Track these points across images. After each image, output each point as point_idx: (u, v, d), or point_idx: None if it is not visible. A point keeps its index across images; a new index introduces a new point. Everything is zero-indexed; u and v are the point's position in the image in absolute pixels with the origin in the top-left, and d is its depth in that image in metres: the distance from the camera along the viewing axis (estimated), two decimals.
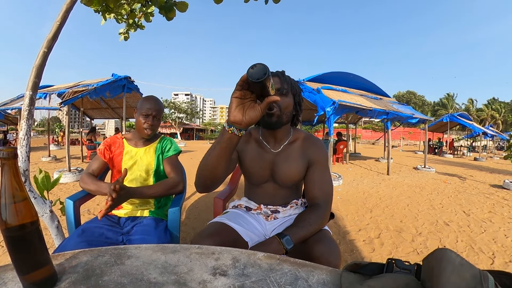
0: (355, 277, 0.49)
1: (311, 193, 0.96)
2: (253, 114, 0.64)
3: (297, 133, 1.05)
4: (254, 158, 1.02)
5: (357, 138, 15.81)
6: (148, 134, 1.30)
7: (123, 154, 1.32)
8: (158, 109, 1.31)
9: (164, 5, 1.84)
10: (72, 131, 22.53)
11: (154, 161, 1.32)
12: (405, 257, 2.10)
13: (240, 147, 1.03)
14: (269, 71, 0.57)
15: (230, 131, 0.66)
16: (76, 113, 40.16)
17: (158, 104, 1.31)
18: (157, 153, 1.35)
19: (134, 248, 0.58)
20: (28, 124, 1.33)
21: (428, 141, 11.65)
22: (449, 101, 50.61)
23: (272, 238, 0.81)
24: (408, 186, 4.92)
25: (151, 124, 1.28)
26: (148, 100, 1.31)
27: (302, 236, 0.82)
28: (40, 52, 1.33)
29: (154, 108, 1.29)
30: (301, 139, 1.03)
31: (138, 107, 1.31)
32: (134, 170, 1.29)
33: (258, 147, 1.03)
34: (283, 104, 0.93)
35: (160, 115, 1.34)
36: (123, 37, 2.24)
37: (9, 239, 0.41)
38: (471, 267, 0.36)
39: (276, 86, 0.90)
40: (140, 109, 1.29)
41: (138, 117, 1.29)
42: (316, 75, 6.42)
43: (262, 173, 1.02)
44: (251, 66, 0.59)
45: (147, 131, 1.29)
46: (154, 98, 1.32)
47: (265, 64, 0.58)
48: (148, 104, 1.28)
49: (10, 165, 0.41)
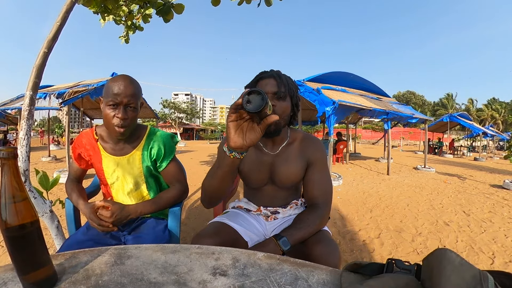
0: (355, 277, 0.49)
1: (310, 193, 0.95)
2: (253, 136, 0.61)
3: (295, 134, 1.03)
4: (252, 162, 0.99)
5: (357, 138, 15.81)
6: (121, 132, 0.93)
7: (102, 162, 1.04)
8: (131, 94, 0.91)
9: (161, 8, 1.85)
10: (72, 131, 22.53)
11: (143, 172, 1.07)
12: (405, 257, 2.10)
13: None
14: (266, 97, 0.56)
15: (232, 156, 0.65)
16: (76, 113, 40.16)
17: (130, 85, 0.91)
18: (144, 163, 1.05)
19: (134, 248, 0.58)
20: (28, 124, 1.33)
21: (428, 141, 11.65)
22: (449, 101, 50.65)
23: (269, 240, 0.81)
24: (408, 186, 4.92)
25: (122, 117, 0.90)
26: (114, 82, 0.90)
27: (300, 237, 0.82)
28: (40, 52, 1.33)
29: (124, 93, 0.89)
30: (299, 140, 1.01)
31: (103, 94, 0.93)
32: (121, 184, 1.07)
33: (255, 150, 1.00)
34: (280, 110, 0.88)
35: (136, 102, 0.94)
36: (123, 40, 2.25)
37: (9, 239, 0.41)
38: (471, 267, 0.36)
39: (272, 90, 0.88)
40: (105, 97, 0.91)
41: (104, 109, 0.92)
42: (316, 75, 6.41)
43: (261, 176, 1.00)
44: (245, 93, 0.57)
45: (119, 128, 0.92)
46: (124, 78, 0.92)
47: (261, 91, 0.56)
48: (116, 88, 0.88)
49: (10, 165, 0.41)
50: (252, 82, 0.94)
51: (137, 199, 1.10)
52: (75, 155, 1.08)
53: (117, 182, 1.07)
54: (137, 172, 1.06)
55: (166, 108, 30.46)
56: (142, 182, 1.09)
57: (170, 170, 1.11)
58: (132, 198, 1.10)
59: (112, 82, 0.92)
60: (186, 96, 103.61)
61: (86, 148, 1.05)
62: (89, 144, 1.05)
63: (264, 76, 0.92)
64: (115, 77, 0.93)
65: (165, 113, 30.31)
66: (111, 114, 0.91)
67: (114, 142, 1.04)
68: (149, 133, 1.09)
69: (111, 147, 1.04)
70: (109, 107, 0.91)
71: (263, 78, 0.92)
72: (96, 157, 1.05)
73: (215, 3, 1.82)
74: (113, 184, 1.08)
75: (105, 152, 1.04)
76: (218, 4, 1.82)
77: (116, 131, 0.93)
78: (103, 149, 1.04)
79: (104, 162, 1.04)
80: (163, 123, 31.75)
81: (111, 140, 1.04)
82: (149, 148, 1.06)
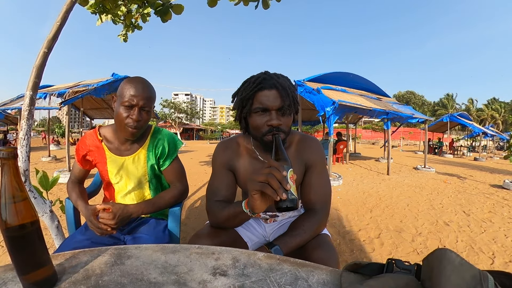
0: (355, 277, 0.49)
1: (307, 198, 0.90)
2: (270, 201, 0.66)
3: (291, 137, 0.95)
4: (248, 171, 0.92)
5: (357, 138, 15.81)
6: (133, 133, 0.95)
7: (106, 163, 1.04)
8: (147, 97, 0.93)
9: (160, 8, 1.84)
10: (72, 131, 22.58)
11: (147, 172, 1.07)
12: (405, 257, 2.10)
13: (233, 165, 0.93)
14: (296, 200, 0.62)
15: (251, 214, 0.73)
16: (76, 113, 40.13)
17: (147, 89, 0.94)
18: (149, 162, 1.06)
19: (134, 248, 0.58)
20: (28, 124, 1.33)
21: (428, 141, 11.65)
22: (449, 101, 50.65)
23: (261, 248, 0.78)
24: (408, 186, 4.92)
25: (136, 119, 0.92)
26: (132, 83, 0.92)
27: (294, 245, 0.79)
28: (40, 52, 1.33)
29: (141, 95, 0.91)
30: (296, 143, 0.94)
31: (118, 93, 0.95)
32: (124, 184, 1.07)
33: (250, 158, 0.93)
34: (285, 126, 0.81)
35: (150, 106, 0.97)
36: (122, 39, 2.25)
37: (9, 239, 0.41)
38: (471, 267, 0.36)
39: (276, 105, 0.78)
40: (121, 97, 0.92)
41: (118, 109, 0.93)
42: (316, 76, 6.43)
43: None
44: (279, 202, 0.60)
45: (131, 129, 0.94)
46: (142, 81, 0.95)
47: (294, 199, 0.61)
48: (133, 89, 0.91)
49: (10, 165, 0.41)
50: (248, 91, 0.80)
51: (139, 199, 1.11)
52: (78, 157, 1.07)
53: (121, 182, 1.07)
54: (142, 171, 1.06)
55: (166, 108, 30.48)
56: (145, 182, 1.09)
57: (172, 169, 1.11)
58: (134, 197, 1.10)
59: (130, 83, 0.93)
60: (186, 96, 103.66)
61: (91, 149, 1.05)
62: (94, 145, 1.05)
63: (264, 86, 0.78)
64: (132, 78, 0.95)
65: (165, 113, 30.31)
66: (125, 115, 0.92)
67: (120, 142, 1.04)
68: (154, 131, 1.10)
69: (116, 147, 1.04)
70: (124, 107, 0.92)
71: (263, 88, 0.79)
72: (101, 157, 1.05)
73: (211, 4, 1.81)
74: (117, 184, 1.08)
75: (110, 153, 1.04)
76: (215, 5, 1.82)
77: (128, 131, 0.95)
78: (108, 149, 1.04)
79: (109, 162, 1.04)
80: (163, 123, 31.73)
81: (117, 140, 1.04)
82: (154, 146, 1.07)
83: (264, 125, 0.79)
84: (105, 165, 1.05)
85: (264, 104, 0.78)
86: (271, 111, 0.79)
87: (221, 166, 0.94)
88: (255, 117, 0.81)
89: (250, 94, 0.80)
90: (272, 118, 0.78)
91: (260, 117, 0.80)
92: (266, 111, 0.79)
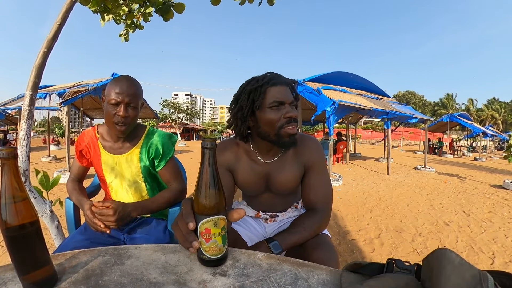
0: (355, 277, 0.49)
1: (307, 198, 0.91)
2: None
3: None
4: (247, 172, 0.93)
5: (357, 138, 15.81)
6: (121, 130, 0.97)
7: (101, 162, 1.06)
8: (132, 94, 0.95)
9: (161, 7, 1.84)
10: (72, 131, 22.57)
11: (141, 172, 1.07)
12: (405, 257, 2.10)
13: (232, 166, 0.94)
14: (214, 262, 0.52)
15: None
16: (76, 113, 40.19)
17: (132, 86, 0.96)
18: (142, 163, 1.06)
19: (134, 248, 0.58)
20: (28, 124, 1.33)
21: (428, 141, 11.65)
22: (449, 101, 50.65)
23: (261, 243, 0.79)
24: (408, 186, 4.92)
25: (123, 115, 0.94)
26: (117, 82, 0.95)
27: (293, 242, 0.79)
28: (40, 52, 1.33)
29: (126, 92, 0.94)
30: None
31: (105, 93, 0.97)
32: (119, 183, 1.08)
33: (249, 160, 0.93)
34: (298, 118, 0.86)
35: (137, 102, 0.98)
36: (123, 38, 2.25)
37: (9, 239, 0.41)
38: (470, 267, 0.36)
39: (290, 100, 0.83)
40: (107, 96, 0.95)
41: (106, 108, 0.96)
42: (316, 76, 6.43)
43: (257, 186, 0.96)
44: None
45: (120, 126, 0.96)
46: (127, 78, 0.98)
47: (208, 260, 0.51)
48: (118, 87, 0.93)
49: (10, 165, 0.41)
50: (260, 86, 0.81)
51: (136, 198, 1.10)
52: (77, 152, 1.10)
53: (116, 180, 1.08)
54: (135, 170, 1.07)
55: (166, 108, 30.50)
56: (140, 181, 1.09)
57: (168, 169, 1.11)
58: (131, 196, 1.10)
59: (115, 81, 0.96)
60: (186, 96, 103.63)
61: (87, 145, 1.08)
62: (90, 142, 1.08)
63: (276, 82, 0.81)
64: (117, 77, 0.98)
65: (165, 113, 30.33)
66: (112, 112, 0.94)
67: (113, 140, 1.06)
68: (148, 132, 1.11)
69: (110, 145, 1.06)
70: (111, 105, 0.94)
71: (276, 84, 0.81)
72: (95, 155, 1.07)
73: (215, 3, 1.82)
74: (111, 182, 1.09)
75: (104, 151, 1.06)
76: (218, 4, 1.82)
77: (116, 129, 0.97)
78: (103, 147, 1.07)
79: (102, 160, 1.06)
80: (163, 123, 31.75)
81: (110, 138, 1.06)
82: (147, 147, 1.07)
83: (280, 118, 0.81)
84: (100, 162, 1.06)
85: (280, 98, 0.80)
86: (286, 104, 0.81)
87: (219, 167, 0.94)
88: (269, 112, 0.81)
89: (262, 89, 0.81)
90: (289, 110, 0.81)
91: (275, 111, 0.81)
92: (282, 105, 0.81)
